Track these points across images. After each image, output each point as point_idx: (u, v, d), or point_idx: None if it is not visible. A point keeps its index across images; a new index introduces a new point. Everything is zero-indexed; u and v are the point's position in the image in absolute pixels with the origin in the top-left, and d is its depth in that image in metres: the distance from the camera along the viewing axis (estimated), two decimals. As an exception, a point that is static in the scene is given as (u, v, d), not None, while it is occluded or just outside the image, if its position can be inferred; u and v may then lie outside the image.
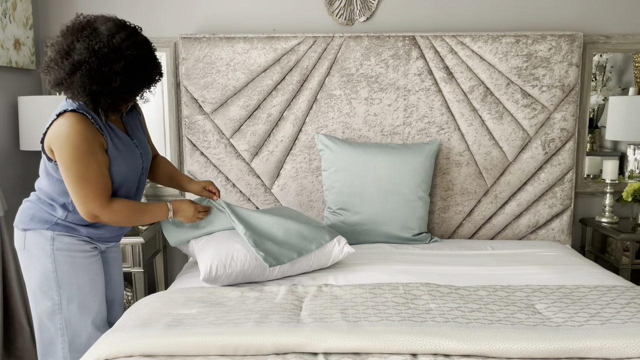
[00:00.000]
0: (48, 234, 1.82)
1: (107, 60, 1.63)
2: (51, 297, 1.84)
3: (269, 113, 2.79)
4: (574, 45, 2.73)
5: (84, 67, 1.62)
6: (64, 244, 1.83)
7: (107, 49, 1.63)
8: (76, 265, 1.84)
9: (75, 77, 1.63)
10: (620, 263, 2.65)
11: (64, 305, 1.85)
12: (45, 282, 1.84)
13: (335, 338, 1.51)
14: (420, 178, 2.63)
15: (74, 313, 1.86)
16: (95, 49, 1.62)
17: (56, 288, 1.84)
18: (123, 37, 1.66)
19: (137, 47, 1.68)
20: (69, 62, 1.63)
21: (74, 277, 1.84)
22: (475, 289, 1.92)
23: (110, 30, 1.65)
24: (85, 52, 1.62)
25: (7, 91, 2.67)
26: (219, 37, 2.75)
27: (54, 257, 1.82)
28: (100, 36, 1.64)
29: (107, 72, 1.63)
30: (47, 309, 1.86)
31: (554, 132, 2.78)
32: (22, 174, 2.78)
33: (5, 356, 2.49)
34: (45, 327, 1.88)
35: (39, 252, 1.83)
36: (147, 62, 1.73)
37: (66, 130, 1.68)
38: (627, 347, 1.48)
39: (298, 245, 2.10)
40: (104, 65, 1.63)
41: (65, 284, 1.84)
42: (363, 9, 2.85)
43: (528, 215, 2.83)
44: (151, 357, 1.48)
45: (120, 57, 1.64)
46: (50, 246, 1.82)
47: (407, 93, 2.77)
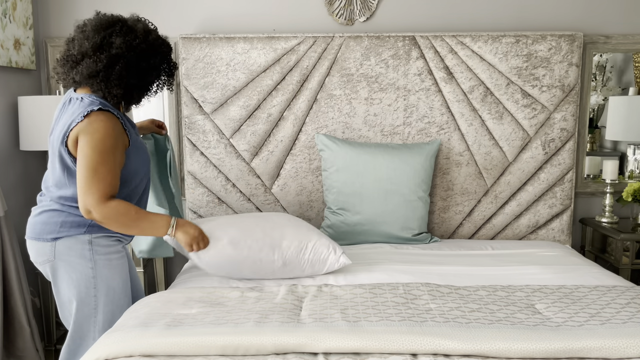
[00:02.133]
0: (85, 238, 1.81)
1: (145, 56, 1.78)
2: (88, 303, 1.84)
3: (269, 113, 2.79)
4: (574, 45, 2.73)
5: (122, 60, 1.73)
6: (102, 247, 1.84)
7: (144, 45, 1.77)
8: (112, 267, 1.86)
9: (114, 70, 1.73)
10: (620, 263, 2.65)
11: (99, 308, 1.85)
12: (84, 289, 1.82)
13: (335, 338, 1.51)
14: (420, 178, 2.63)
15: (108, 316, 1.86)
16: (134, 44, 1.75)
17: (94, 293, 1.83)
18: (156, 35, 1.84)
19: (167, 45, 1.89)
20: (105, 56, 1.72)
21: (111, 280, 1.85)
22: (475, 289, 1.92)
23: (145, 27, 1.81)
24: (124, 46, 1.73)
25: (7, 91, 2.67)
26: (219, 37, 2.75)
27: (95, 261, 1.81)
28: (137, 33, 1.77)
29: (144, 67, 1.79)
30: (83, 315, 1.85)
31: (554, 132, 2.78)
32: (22, 174, 2.78)
33: (5, 356, 2.49)
34: (78, 331, 1.86)
35: (76, 259, 1.80)
36: (172, 60, 1.94)
37: (97, 126, 1.72)
38: (627, 347, 1.48)
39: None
40: (142, 60, 1.77)
41: (102, 287, 1.84)
42: (363, 9, 2.85)
43: (528, 215, 2.83)
44: (151, 357, 1.48)
45: (157, 53, 1.82)
46: (89, 251, 1.81)
47: (407, 93, 2.77)
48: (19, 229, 2.71)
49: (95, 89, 1.76)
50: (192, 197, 2.84)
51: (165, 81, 1.95)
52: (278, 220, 2.21)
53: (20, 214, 2.75)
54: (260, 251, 2.04)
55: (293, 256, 2.08)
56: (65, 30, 2.89)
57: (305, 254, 2.09)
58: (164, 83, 1.94)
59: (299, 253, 2.08)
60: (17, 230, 2.69)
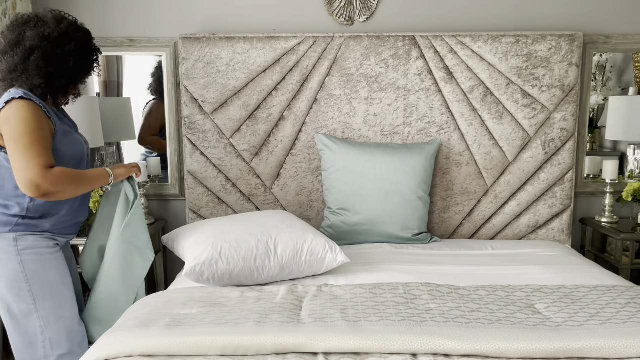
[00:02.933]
0: (10, 235, 1.84)
1: (59, 44, 1.81)
2: (24, 298, 1.85)
3: (269, 113, 2.79)
4: (574, 45, 2.73)
5: (37, 51, 1.78)
6: (29, 243, 1.86)
7: (56, 33, 1.81)
8: (44, 261, 1.87)
9: (30, 61, 1.78)
10: (620, 263, 2.65)
11: (38, 304, 1.86)
12: (15, 284, 1.84)
13: (335, 338, 1.51)
14: (420, 178, 2.63)
15: (50, 310, 1.87)
16: (46, 34, 1.79)
17: (27, 288, 1.85)
18: (68, 23, 1.87)
19: (82, 31, 1.90)
20: (20, 50, 1.78)
21: (43, 273, 1.87)
22: (475, 289, 1.93)
23: (55, 18, 1.85)
24: (37, 38, 1.78)
25: (7, 91, 2.67)
26: (219, 37, 2.75)
27: (20, 257, 1.84)
28: (48, 23, 1.82)
29: (59, 54, 1.81)
30: (22, 311, 1.86)
31: (554, 132, 2.78)
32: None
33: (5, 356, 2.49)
34: (22, 329, 1.88)
35: (3, 255, 1.84)
36: (92, 45, 1.95)
37: (17, 111, 1.75)
38: (627, 347, 1.48)
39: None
40: (56, 48, 1.80)
41: (36, 281, 1.85)
42: (363, 9, 2.85)
43: (528, 215, 2.83)
44: (151, 357, 1.48)
45: (70, 39, 1.84)
46: (14, 247, 1.84)
47: (407, 93, 2.77)
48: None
49: (19, 83, 1.82)
50: (192, 197, 2.84)
51: (86, 67, 1.94)
52: (270, 222, 2.19)
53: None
54: (255, 261, 2.03)
55: (289, 260, 2.06)
56: (65, 30, 2.89)
57: (302, 256, 2.08)
58: (86, 69, 1.95)
59: (295, 256, 2.07)
60: (17, 230, 2.69)
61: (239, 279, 2.03)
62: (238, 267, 2.01)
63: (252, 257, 2.03)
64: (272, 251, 2.05)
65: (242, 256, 2.02)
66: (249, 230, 2.12)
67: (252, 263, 2.02)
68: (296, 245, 2.08)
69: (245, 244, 2.05)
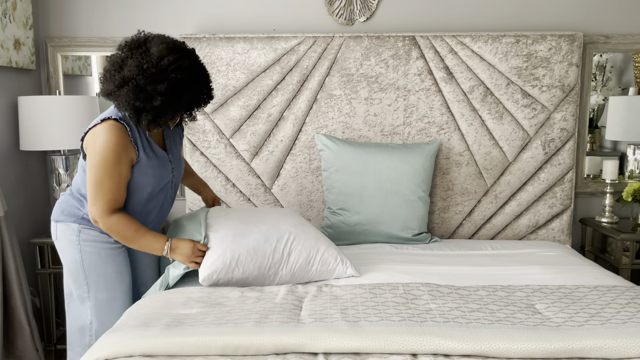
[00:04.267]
0: (75, 226, 1.95)
1: (153, 80, 1.72)
2: (80, 285, 1.98)
3: (269, 113, 2.79)
4: (574, 45, 2.73)
5: (131, 83, 1.73)
6: (90, 236, 1.95)
7: (154, 69, 1.72)
8: (101, 256, 1.96)
9: (123, 91, 1.74)
10: (620, 263, 2.65)
11: (92, 294, 1.97)
12: (74, 271, 1.97)
13: (335, 338, 1.51)
14: (420, 178, 2.62)
15: (102, 302, 1.98)
16: (144, 67, 1.72)
17: (84, 277, 1.97)
18: (171, 60, 1.73)
19: (183, 70, 1.75)
20: (119, 76, 1.75)
21: (100, 267, 1.96)
22: (475, 289, 1.92)
23: (160, 52, 1.73)
24: (135, 69, 1.72)
25: (7, 91, 2.67)
26: (219, 37, 2.75)
27: (80, 247, 1.95)
28: (151, 56, 1.73)
29: (150, 91, 1.73)
30: (78, 296, 1.99)
31: (554, 132, 2.78)
32: (22, 174, 2.78)
33: (5, 356, 2.49)
34: (77, 313, 2.01)
35: (67, 242, 1.97)
36: (190, 86, 1.80)
37: (101, 138, 1.80)
38: (627, 347, 1.48)
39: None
40: (149, 84, 1.72)
41: (92, 273, 1.96)
42: (363, 9, 2.85)
43: (528, 215, 2.83)
44: (151, 357, 1.48)
45: (165, 79, 1.73)
46: (76, 237, 1.95)
47: (407, 93, 2.77)
48: (19, 229, 2.72)
49: (115, 105, 1.85)
50: (193, 197, 2.84)
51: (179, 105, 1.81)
52: (284, 226, 2.13)
53: (20, 213, 2.75)
54: (269, 269, 2.01)
55: (300, 269, 2.04)
56: (65, 30, 2.89)
57: (313, 266, 2.05)
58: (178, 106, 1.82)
59: (306, 266, 2.05)
60: (17, 230, 2.70)
61: (248, 283, 2.02)
62: (252, 276, 2.00)
63: (267, 265, 2.01)
64: (286, 259, 2.02)
65: (258, 265, 1.99)
66: (265, 236, 2.05)
67: (266, 272, 2.01)
68: (309, 255, 2.05)
69: (261, 252, 2.01)
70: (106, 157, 1.79)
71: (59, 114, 2.58)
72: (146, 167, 1.90)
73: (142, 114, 1.77)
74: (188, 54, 1.80)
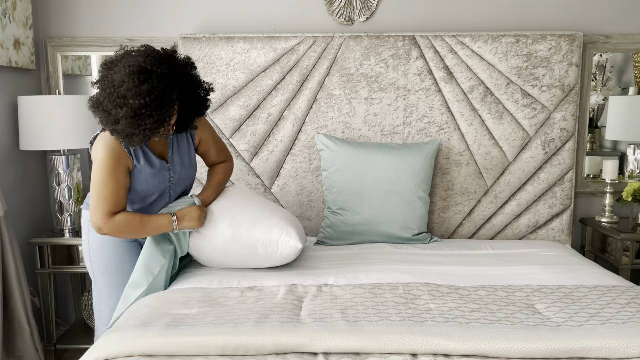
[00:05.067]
0: (87, 213, 2.10)
1: (115, 105, 1.78)
2: (90, 268, 2.15)
3: (269, 113, 2.79)
4: (574, 45, 2.73)
5: (101, 106, 1.83)
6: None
7: (115, 95, 1.77)
8: (104, 243, 2.08)
9: (98, 112, 1.85)
10: (620, 263, 2.65)
11: (96, 278, 2.13)
12: (86, 253, 2.14)
13: (335, 338, 1.51)
14: (420, 178, 2.62)
15: (102, 287, 2.12)
16: (108, 92, 1.79)
17: (90, 261, 2.13)
18: (130, 86, 1.74)
19: (142, 95, 1.75)
20: (94, 98, 1.86)
21: (102, 253, 2.09)
22: (475, 289, 1.92)
23: (122, 78, 1.76)
24: (102, 93, 1.82)
25: (7, 91, 2.67)
26: (219, 37, 2.75)
27: (89, 232, 2.09)
28: (113, 82, 1.78)
29: (115, 115, 1.79)
30: (95, 277, 2.15)
31: (554, 132, 2.78)
32: (22, 174, 2.78)
33: (5, 356, 2.49)
34: (96, 289, 2.16)
35: (85, 227, 2.12)
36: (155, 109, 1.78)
37: (98, 148, 1.91)
38: (627, 347, 1.48)
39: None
40: (113, 109, 1.79)
41: (96, 259, 2.11)
42: (363, 9, 2.85)
43: (528, 215, 2.83)
44: (151, 357, 1.48)
45: (125, 105, 1.76)
46: (88, 223, 2.08)
47: (407, 93, 2.77)
48: (19, 229, 2.71)
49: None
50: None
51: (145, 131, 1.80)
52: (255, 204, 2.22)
53: (21, 213, 2.75)
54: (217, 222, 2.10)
55: (244, 231, 2.09)
56: (65, 30, 2.89)
57: (257, 230, 2.09)
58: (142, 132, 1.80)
59: (250, 228, 2.09)
60: (17, 230, 2.69)
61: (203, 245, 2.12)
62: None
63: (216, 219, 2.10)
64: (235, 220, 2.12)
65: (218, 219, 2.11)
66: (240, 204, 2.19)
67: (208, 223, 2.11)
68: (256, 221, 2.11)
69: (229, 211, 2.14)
70: (102, 166, 1.88)
71: (59, 114, 2.57)
72: (141, 176, 1.98)
73: (115, 134, 1.85)
74: (152, 77, 1.75)
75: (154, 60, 1.78)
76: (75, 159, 2.75)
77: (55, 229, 2.76)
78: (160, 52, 1.85)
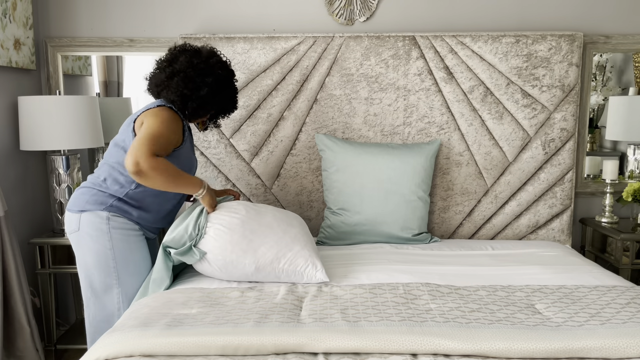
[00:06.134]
0: (104, 214, 2.03)
1: (201, 73, 2.04)
2: (108, 273, 2.05)
3: (269, 113, 2.79)
4: (574, 45, 2.73)
5: (181, 74, 2.02)
6: (119, 224, 2.04)
7: (203, 65, 2.05)
8: (130, 242, 2.06)
9: (173, 81, 2.03)
10: (620, 263, 2.65)
11: (122, 280, 2.06)
12: (103, 259, 2.03)
13: (335, 338, 1.51)
14: (420, 178, 2.63)
15: (131, 287, 2.07)
16: (194, 62, 2.04)
17: (113, 264, 2.04)
18: (218, 60, 2.11)
19: (226, 69, 2.13)
20: (170, 69, 2.04)
21: (129, 253, 2.06)
22: (475, 289, 1.93)
23: (209, 53, 2.11)
24: (186, 63, 2.03)
25: (7, 91, 2.67)
26: (219, 37, 2.75)
27: (111, 235, 2.03)
28: (201, 55, 2.08)
29: (198, 82, 2.03)
30: (104, 285, 2.06)
31: (554, 132, 2.78)
32: (22, 174, 2.78)
33: (5, 356, 2.49)
34: (101, 304, 2.08)
35: (94, 231, 2.02)
36: (229, 86, 2.16)
37: (158, 112, 2.00)
38: (627, 347, 1.48)
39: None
40: (197, 76, 2.03)
41: (122, 260, 2.05)
42: (363, 9, 2.85)
43: (528, 215, 2.83)
44: (151, 357, 1.48)
45: (212, 74, 2.06)
46: (106, 225, 2.03)
47: (407, 93, 2.77)
48: (19, 229, 2.72)
49: (162, 96, 2.08)
50: (192, 197, 2.84)
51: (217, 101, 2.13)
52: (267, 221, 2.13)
53: (20, 214, 2.75)
54: (232, 253, 2.01)
55: (267, 264, 2.02)
56: (65, 30, 2.89)
57: (280, 263, 2.02)
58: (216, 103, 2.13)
59: (273, 261, 2.02)
60: (17, 230, 2.69)
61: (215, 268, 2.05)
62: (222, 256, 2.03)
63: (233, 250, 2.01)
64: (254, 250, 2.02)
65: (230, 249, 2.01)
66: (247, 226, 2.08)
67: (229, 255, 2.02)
68: (279, 252, 2.03)
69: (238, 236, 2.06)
70: (163, 120, 1.96)
71: (59, 114, 2.57)
72: (185, 153, 2.09)
73: (188, 102, 2.04)
74: (227, 62, 2.17)
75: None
76: (75, 159, 2.75)
77: (55, 229, 2.76)
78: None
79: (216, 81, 2.07)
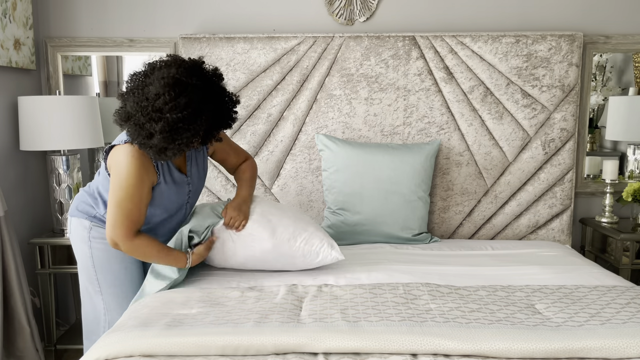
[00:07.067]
0: (87, 223, 2.01)
1: (150, 119, 1.69)
2: (92, 281, 2.05)
3: (269, 113, 2.79)
4: (574, 45, 2.73)
5: (132, 119, 1.72)
6: (99, 234, 2.00)
7: (150, 108, 1.68)
8: (110, 252, 2.00)
9: (128, 125, 1.75)
10: (620, 263, 2.65)
11: (103, 289, 2.04)
12: (85, 267, 2.04)
13: (335, 338, 1.51)
14: (420, 178, 2.62)
15: (112, 297, 2.05)
16: (142, 105, 1.70)
17: (94, 272, 2.03)
18: (166, 99, 1.67)
19: (179, 109, 1.67)
20: (124, 111, 1.75)
21: (107, 264, 2.02)
22: (475, 289, 1.92)
23: (157, 90, 1.68)
24: (135, 106, 1.71)
25: (7, 91, 2.67)
26: (219, 37, 2.75)
27: (90, 244, 2.01)
28: (148, 94, 1.69)
29: (149, 129, 1.70)
30: (92, 289, 2.06)
31: (554, 132, 2.78)
32: (22, 174, 2.78)
33: (5, 356, 2.49)
34: (92, 305, 2.08)
35: (79, 238, 2.03)
36: (191, 123, 1.70)
37: (125, 160, 1.81)
38: (627, 347, 1.48)
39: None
40: (146, 122, 1.69)
41: (101, 270, 2.02)
42: (363, 9, 2.85)
43: (528, 215, 2.83)
44: (151, 357, 1.48)
45: (160, 119, 1.68)
46: (87, 234, 2.01)
47: (407, 93, 2.77)
48: (19, 229, 2.72)
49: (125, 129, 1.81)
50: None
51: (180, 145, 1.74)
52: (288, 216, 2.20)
53: (21, 213, 2.75)
54: (251, 226, 2.08)
55: (284, 241, 2.09)
56: (65, 30, 2.89)
57: (297, 241, 2.10)
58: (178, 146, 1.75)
59: (290, 239, 2.10)
60: (17, 230, 2.70)
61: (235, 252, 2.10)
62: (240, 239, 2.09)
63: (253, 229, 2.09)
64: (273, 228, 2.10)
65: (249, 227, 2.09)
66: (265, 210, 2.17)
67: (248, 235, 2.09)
68: (295, 231, 2.12)
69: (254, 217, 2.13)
70: (128, 179, 1.80)
71: (59, 114, 2.57)
72: (163, 192, 1.95)
73: (146, 149, 1.76)
74: (187, 89, 1.69)
75: (186, 71, 1.71)
76: (75, 159, 2.75)
77: (55, 229, 2.76)
78: (190, 62, 1.77)
79: (168, 126, 1.67)
